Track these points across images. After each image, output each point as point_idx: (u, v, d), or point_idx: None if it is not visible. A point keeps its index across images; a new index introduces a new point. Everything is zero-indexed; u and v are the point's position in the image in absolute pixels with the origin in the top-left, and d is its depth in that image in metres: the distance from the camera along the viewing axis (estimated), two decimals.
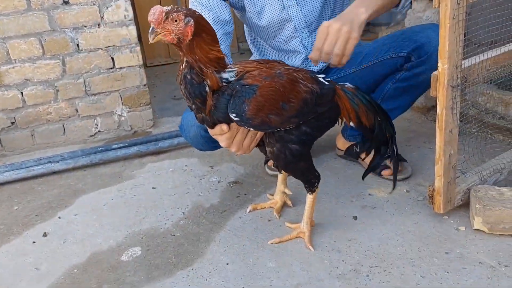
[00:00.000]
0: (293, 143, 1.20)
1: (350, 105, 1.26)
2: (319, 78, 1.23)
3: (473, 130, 1.94)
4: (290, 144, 1.20)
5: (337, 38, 1.26)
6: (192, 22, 1.04)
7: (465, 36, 1.96)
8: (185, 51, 1.07)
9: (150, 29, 1.04)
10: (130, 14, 2.20)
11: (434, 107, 2.18)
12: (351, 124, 1.29)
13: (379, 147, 1.32)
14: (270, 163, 1.80)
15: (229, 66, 1.15)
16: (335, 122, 1.29)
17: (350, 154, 1.80)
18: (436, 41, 1.45)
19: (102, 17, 2.18)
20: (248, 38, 1.80)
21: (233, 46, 4.09)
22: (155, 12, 1.02)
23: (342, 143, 1.84)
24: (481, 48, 1.62)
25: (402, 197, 1.55)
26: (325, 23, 1.28)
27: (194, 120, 1.43)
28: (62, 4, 2.11)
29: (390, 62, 1.54)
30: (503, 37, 1.41)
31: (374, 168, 1.38)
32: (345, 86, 1.28)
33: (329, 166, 1.81)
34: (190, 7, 1.49)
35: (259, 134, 1.26)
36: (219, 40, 1.15)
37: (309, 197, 1.33)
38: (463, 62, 1.21)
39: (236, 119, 1.12)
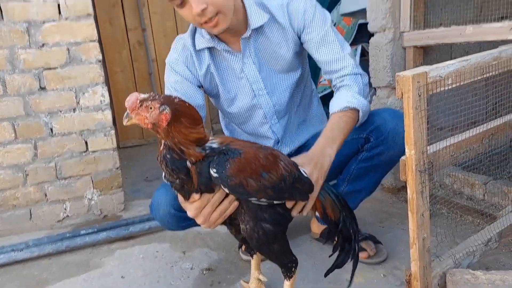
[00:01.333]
0: (266, 222, 1.19)
1: (317, 197, 1.29)
2: (300, 168, 1.25)
3: (443, 211, 1.99)
4: (264, 223, 1.19)
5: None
6: (167, 110, 1.07)
7: (428, 119, 2.07)
8: (163, 135, 1.10)
9: (125, 113, 1.07)
10: (107, 99, 2.25)
11: (404, 187, 2.24)
12: (317, 214, 1.31)
13: (344, 244, 1.33)
14: (244, 248, 1.76)
15: (211, 139, 1.18)
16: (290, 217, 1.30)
17: (325, 237, 1.80)
18: (390, 122, 1.54)
19: (78, 102, 2.21)
20: (222, 123, 1.85)
21: (207, 128, 4.17)
22: (130, 99, 1.06)
23: (317, 226, 1.84)
24: (443, 131, 1.72)
25: (379, 282, 1.53)
26: (298, 161, 1.28)
27: (164, 198, 1.41)
28: (38, 89, 2.14)
29: (352, 143, 1.60)
30: (462, 120, 1.50)
31: (338, 266, 1.34)
32: None
33: (305, 249, 1.79)
34: (165, 93, 1.54)
35: (229, 210, 1.23)
36: None
37: (286, 284, 1.30)
38: (428, 148, 1.27)
39: (215, 175, 1.12)
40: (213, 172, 1.12)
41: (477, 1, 2.09)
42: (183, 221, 1.42)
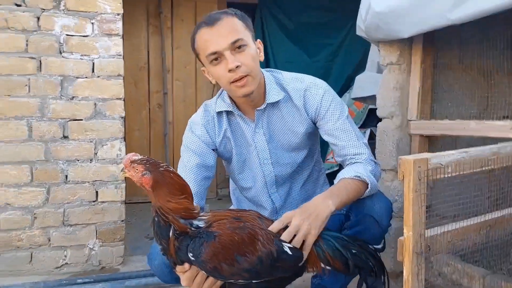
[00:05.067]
0: None
1: (315, 254, 1.31)
2: (284, 246, 1.25)
3: None
4: None
5: (295, 232, 1.28)
6: (148, 175, 1.18)
7: (428, 208, 2.13)
8: (150, 195, 1.20)
9: (122, 167, 1.20)
10: (123, 153, 2.36)
11: (402, 272, 2.23)
12: (327, 268, 1.32)
13: (366, 278, 1.35)
14: None
15: (201, 214, 1.25)
16: (297, 276, 1.33)
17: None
18: (368, 200, 1.52)
19: (95, 154, 2.32)
20: (230, 187, 1.93)
21: (212, 192, 4.24)
22: (125, 157, 1.21)
23: None
24: (444, 221, 1.77)
25: None
26: (289, 213, 1.32)
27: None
28: (61, 138, 2.27)
29: (334, 218, 1.54)
30: (465, 212, 1.56)
31: None
32: None
33: None
34: (181, 149, 1.65)
35: (218, 283, 1.28)
36: (198, 183, 1.29)
37: None
38: (426, 231, 1.32)
39: (192, 258, 1.18)
40: (190, 255, 1.19)
41: (482, 100, 2.22)
42: (176, 274, 1.45)
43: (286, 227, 1.29)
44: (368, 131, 3.50)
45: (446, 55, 2.14)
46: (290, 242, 1.27)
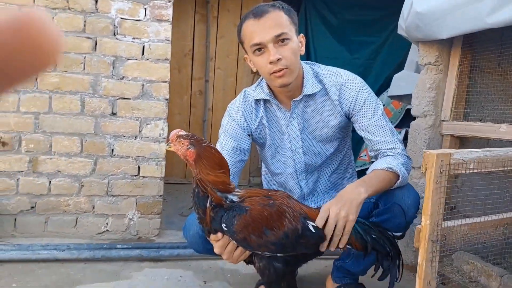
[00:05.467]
0: (277, 261, 1.34)
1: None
2: (308, 223, 1.37)
3: None
4: (275, 262, 1.34)
5: (335, 221, 1.39)
6: (192, 149, 1.30)
7: (453, 209, 2.18)
8: (192, 168, 1.32)
9: (169, 142, 1.33)
10: (165, 133, 2.52)
11: None
12: (347, 247, 1.43)
13: (383, 261, 1.44)
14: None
15: (236, 190, 1.37)
16: (317, 255, 1.43)
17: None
18: (398, 191, 1.60)
19: (140, 131, 2.49)
20: (262, 171, 2.05)
21: (244, 179, 4.37)
22: (172, 133, 1.33)
23: (331, 284, 1.93)
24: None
25: None
26: (326, 205, 1.41)
27: (196, 221, 1.61)
28: (110, 114, 2.45)
29: (364, 205, 1.61)
30: (487, 213, 1.61)
31: (392, 277, 1.46)
32: None
33: None
34: (219, 132, 1.78)
35: (247, 251, 1.41)
36: (233, 165, 1.41)
37: None
38: (444, 223, 1.39)
39: (225, 229, 1.31)
40: (223, 226, 1.32)
41: None
42: (208, 244, 1.57)
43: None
44: (403, 131, 3.52)
45: (484, 59, 2.17)
46: (333, 232, 1.38)
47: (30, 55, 0.18)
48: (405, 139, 3.29)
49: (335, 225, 1.38)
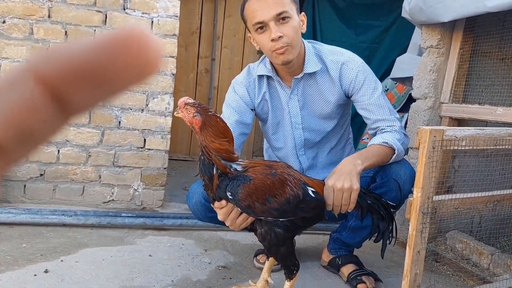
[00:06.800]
0: (278, 227, 1.42)
1: None
2: (308, 189, 1.45)
3: (448, 272, 2.11)
4: (276, 228, 1.42)
5: (341, 193, 1.47)
6: (198, 117, 1.36)
7: (450, 189, 2.25)
8: (198, 135, 1.39)
9: (177, 108, 1.39)
10: (171, 107, 2.58)
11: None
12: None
13: (378, 225, 1.53)
14: (259, 257, 1.97)
15: (240, 160, 1.43)
16: (320, 219, 1.51)
17: (332, 266, 1.97)
18: (395, 167, 1.68)
19: (147, 105, 2.56)
20: (264, 146, 2.12)
21: (248, 158, 4.45)
22: (181, 100, 1.38)
23: (327, 256, 2.02)
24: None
25: None
26: (329, 183, 1.48)
27: (199, 189, 1.68)
28: None
29: (362, 180, 1.67)
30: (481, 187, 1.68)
31: (385, 239, 1.55)
32: None
33: (312, 273, 1.96)
34: (223, 106, 1.84)
35: (250, 218, 1.48)
36: (235, 137, 1.46)
37: (287, 284, 1.50)
38: (434, 196, 1.46)
39: (230, 197, 1.38)
40: (228, 195, 1.38)
41: None
42: (210, 212, 1.65)
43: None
44: (406, 115, 3.56)
45: (486, 43, 2.21)
46: (341, 206, 1.47)
47: (134, 67, 0.19)
48: (407, 124, 3.35)
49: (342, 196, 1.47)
